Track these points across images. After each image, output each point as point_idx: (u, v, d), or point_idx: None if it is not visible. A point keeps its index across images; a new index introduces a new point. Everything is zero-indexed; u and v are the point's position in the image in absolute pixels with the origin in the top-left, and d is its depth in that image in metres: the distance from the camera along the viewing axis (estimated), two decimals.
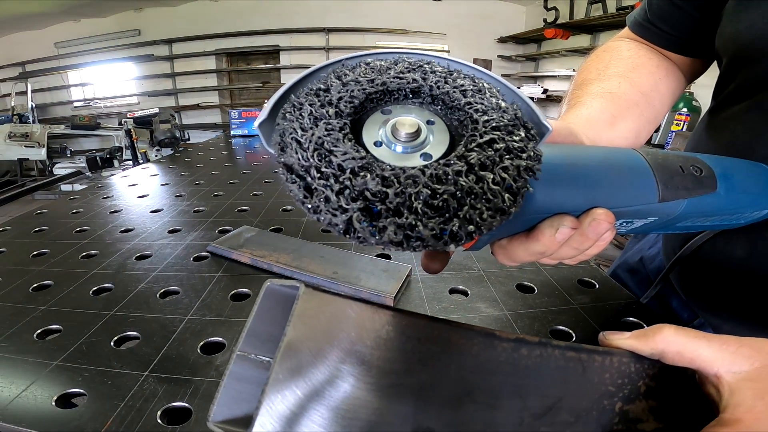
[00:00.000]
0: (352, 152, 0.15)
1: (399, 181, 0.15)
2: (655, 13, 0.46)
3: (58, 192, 3.61)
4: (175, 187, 1.04)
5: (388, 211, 0.15)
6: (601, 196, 0.22)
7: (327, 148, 0.15)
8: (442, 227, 0.15)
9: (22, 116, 4.56)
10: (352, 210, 0.15)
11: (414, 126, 0.17)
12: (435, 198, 0.15)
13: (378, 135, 0.17)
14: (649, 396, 0.23)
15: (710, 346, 0.23)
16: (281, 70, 5.66)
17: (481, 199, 0.15)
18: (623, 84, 0.40)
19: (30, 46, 5.33)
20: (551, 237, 0.22)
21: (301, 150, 0.16)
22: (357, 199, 0.15)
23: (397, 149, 0.17)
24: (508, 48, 5.57)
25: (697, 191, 0.23)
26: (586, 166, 0.22)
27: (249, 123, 1.94)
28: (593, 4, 3.85)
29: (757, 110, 0.35)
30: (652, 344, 0.24)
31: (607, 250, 2.84)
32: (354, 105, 0.17)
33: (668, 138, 2.74)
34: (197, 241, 0.68)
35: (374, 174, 0.15)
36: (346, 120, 0.17)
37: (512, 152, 0.17)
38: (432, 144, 0.17)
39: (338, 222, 0.15)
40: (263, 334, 0.17)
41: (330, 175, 0.15)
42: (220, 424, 0.16)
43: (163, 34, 5.41)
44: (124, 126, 3.63)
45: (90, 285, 0.54)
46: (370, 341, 0.17)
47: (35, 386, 0.37)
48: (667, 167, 0.23)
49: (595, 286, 0.55)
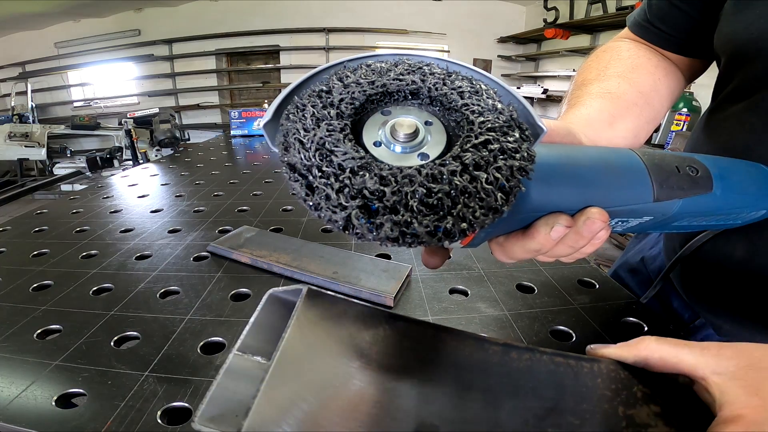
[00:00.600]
0: (352, 152, 0.16)
1: (396, 180, 0.16)
2: (654, 13, 0.46)
3: (58, 192, 3.61)
4: (175, 187, 1.04)
5: (386, 209, 0.15)
6: (595, 195, 0.22)
7: (328, 148, 0.16)
8: (436, 224, 0.15)
9: (22, 116, 4.56)
10: (351, 207, 0.15)
11: (412, 127, 0.17)
12: (430, 197, 0.15)
13: (377, 135, 0.18)
14: (650, 401, 0.23)
15: (691, 352, 0.24)
16: (281, 70, 5.66)
17: (475, 197, 0.16)
18: (622, 84, 0.40)
19: (30, 46, 5.33)
20: (546, 235, 0.22)
21: (304, 150, 0.16)
22: (356, 197, 0.15)
23: (395, 149, 0.17)
24: (508, 48, 5.57)
25: (693, 191, 0.24)
26: (581, 165, 0.23)
27: (249, 123, 1.94)
28: (593, 4, 3.85)
29: (754, 111, 0.36)
30: (635, 352, 0.24)
31: (607, 251, 2.84)
32: (354, 106, 0.18)
33: (668, 138, 2.74)
34: (197, 241, 0.68)
35: (373, 173, 0.16)
36: (347, 121, 0.17)
37: (506, 153, 0.17)
38: (429, 144, 0.18)
39: (338, 219, 0.16)
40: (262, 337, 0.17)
41: (330, 174, 0.16)
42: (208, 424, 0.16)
43: (163, 34, 5.41)
44: (124, 126, 3.63)
45: (90, 285, 0.54)
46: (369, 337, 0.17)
47: (35, 386, 0.37)
48: (663, 167, 0.23)
49: (596, 286, 0.55)
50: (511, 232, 0.24)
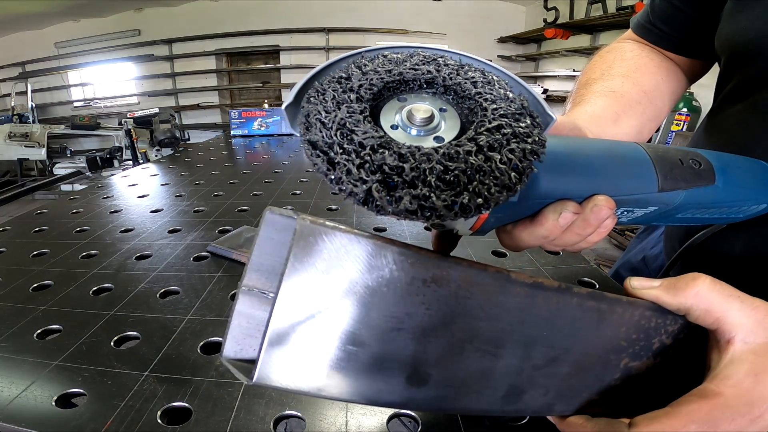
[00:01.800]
0: (371, 132, 0.17)
1: (414, 158, 0.16)
2: (656, 15, 0.47)
3: (58, 192, 3.61)
4: (175, 187, 1.04)
5: (404, 184, 0.16)
6: (602, 183, 0.23)
7: (349, 128, 0.17)
8: (453, 199, 0.16)
9: (22, 116, 4.56)
10: (372, 181, 0.16)
11: (428, 112, 0.18)
12: (447, 173, 0.16)
13: (394, 119, 0.19)
14: (658, 354, 0.22)
15: (741, 309, 0.22)
16: (281, 70, 5.65)
17: (489, 176, 0.17)
18: (626, 83, 0.40)
19: (30, 46, 5.33)
20: (554, 222, 0.22)
21: (325, 129, 0.17)
22: (376, 172, 0.16)
23: (411, 132, 0.18)
24: (508, 48, 5.57)
25: (696, 183, 0.24)
26: (588, 155, 0.23)
27: (249, 123, 1.94)
28: (593, 4, 3.85)
29: (752, 111, 0.36)
30: (681, 299, 0.22)
31: (607, 251, 2.84)
32: (373, 92, 0.19)
33: (668, 138, 2.74)
34: (197, 241, 0.68)
35: (392, 150, 0.16)
36: (366, 104, 0.18)
37: (518, 137, 0.18)
38: (444, 129, 0.19)
39: (358, 192, 0.16)
40: (266, 267, 0.17)
41: (351, 150, 0.16)
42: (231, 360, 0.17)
43: (163, 34, 5.40)
44: (124, 126, 3.63)
45: (90, 285, 0.54)
46: (372, 281, 0.16)
47: (35, 386, 0.36)
48: (667, 159, 0.24)
49: (596, 286, 0.55)
50: (518, 219, 0.24)
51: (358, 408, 0.36)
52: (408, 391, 0.18)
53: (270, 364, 0.15)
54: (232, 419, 0.34)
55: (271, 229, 0.17)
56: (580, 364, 0.21)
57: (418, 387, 0.18)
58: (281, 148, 1.61)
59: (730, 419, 0.20)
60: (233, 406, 0.35)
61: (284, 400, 0.36)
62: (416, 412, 0.35)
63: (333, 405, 0.36)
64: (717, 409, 0.20)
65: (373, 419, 0.35)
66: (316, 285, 0.16)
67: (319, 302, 0.16)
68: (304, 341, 0.16)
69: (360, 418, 0.35)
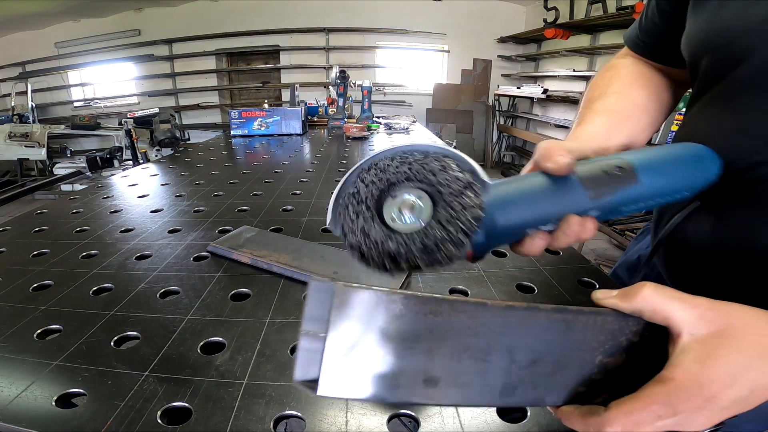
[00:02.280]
0: (380, 231, 0.28)
1: (406, 243, 0.27)
2: (643, 28, 0.51)
3: (58, 192, 3.61)
4: (175, 187, 1.04)
5: (402, 258, 0.27)
6: (544, 208, 0.30)
7: (365, 231, 0.28)
8: (431, 259, 0.27)
9: (22, 116, 4.56)
10: (385, 260, 0.28)
11: (410, 204, 0.28)
12: (425, 247, 0.27)
13: (392, 214, 0.29)
14: (628, 350, 0.27)
15: (682, 306, 0.26)
16: (281, 70, 5.65)
17: (449, 242, 0.27)
18: (620, 100, 0.46)
19: (30, 46, 5.32)
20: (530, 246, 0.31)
21: (353, 235, 0.29)
22: (386, 255, 0.28)
23: (405, 220, 0.28)
24: (508, 48, 5.56)
25: (620, 187, 0.31)
26: (527, 192, 0.31)
27: (249, 123, 1.94)
28: (593, 4, 3.85)
29: (708, 104, 0.40)
30: (633, 303, 0.27)
31: (607, 251, 2.85)
32: (375, 198, 0.29)
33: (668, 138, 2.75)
34: (197, 241, 0.68)
35: (394, 241, 0.27)
36: (373, 211, 0.29)
37: (466, 208, 0.27)
38: (424, 209, 0.28)
39: (377, 266, 0.28)
40: (316, 317, 0.23)
41: (371, 246, 0.28)
42: (300, 382, 0.22)
43: (163, 34, 5.40)
44: (124, 126, 3.62)
45: (90, 285, 0.54)
46: (388, 317, 0.23)
47: (35, 386, 0.37)
48: (592, 176, 0.31)
49: (596, 285, 0.55)
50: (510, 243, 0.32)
51: (358, 408, 0.36)
52: (426, 392, 0.24)
53: (327, 381, 0.22)
54: (232, 419, 0.34)
55: (316, 291, 0.23)
56: (559, 363, 0.26)
57: (433, 388, 0.24)
58: (281, 148, 1.61)
59: (685, 399, 0.24)
60: (233, 406, 0.35)
61: (284, 400, 0.36)
62: (416, 413, 0.35)
63: (333, 405, 0.36)
64: (672, 392, 0.24)
65: (373, 419, 0.35)
66: (352, 326, 0.23)
67: (356, 337, 0.23)
68: (348, 364, 0.23)
69: (360, 418, 0.35)
